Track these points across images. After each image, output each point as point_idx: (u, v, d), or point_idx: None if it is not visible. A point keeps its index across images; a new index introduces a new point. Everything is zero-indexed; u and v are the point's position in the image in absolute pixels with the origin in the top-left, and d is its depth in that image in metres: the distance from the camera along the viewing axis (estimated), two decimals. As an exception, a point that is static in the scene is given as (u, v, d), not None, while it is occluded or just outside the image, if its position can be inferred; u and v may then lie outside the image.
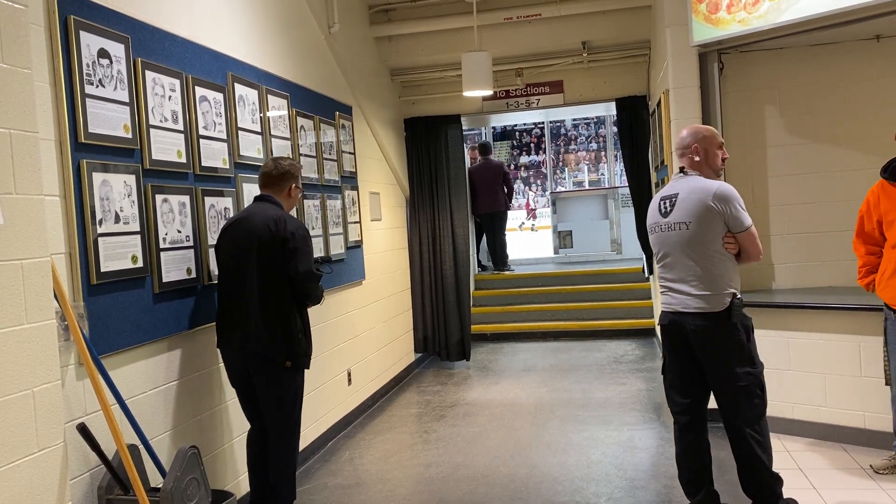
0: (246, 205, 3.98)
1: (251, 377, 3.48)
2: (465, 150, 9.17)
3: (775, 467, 3.21)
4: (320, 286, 3.57)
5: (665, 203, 3.37)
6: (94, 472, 2.81)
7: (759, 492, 3.32)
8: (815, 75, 4.96)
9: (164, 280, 3.29)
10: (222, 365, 3.71)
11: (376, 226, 6.48)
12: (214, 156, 3.78)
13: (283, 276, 3.40)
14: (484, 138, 14.17)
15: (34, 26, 2.62)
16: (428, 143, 7.48)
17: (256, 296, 3.38)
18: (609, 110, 8.21)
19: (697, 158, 3.36)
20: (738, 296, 3.26)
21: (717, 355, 3.28)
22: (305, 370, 3.56)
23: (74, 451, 2.69)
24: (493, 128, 15.74)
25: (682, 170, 3.43)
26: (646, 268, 7.72)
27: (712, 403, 3.40)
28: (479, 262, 10.10)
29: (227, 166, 3.89)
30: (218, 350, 3.59)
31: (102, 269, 2.91)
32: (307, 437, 4.70)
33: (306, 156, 4.94)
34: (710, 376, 3.34)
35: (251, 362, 3.44)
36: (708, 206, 3.22)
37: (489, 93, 6.48)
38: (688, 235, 3.27)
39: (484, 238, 10.15)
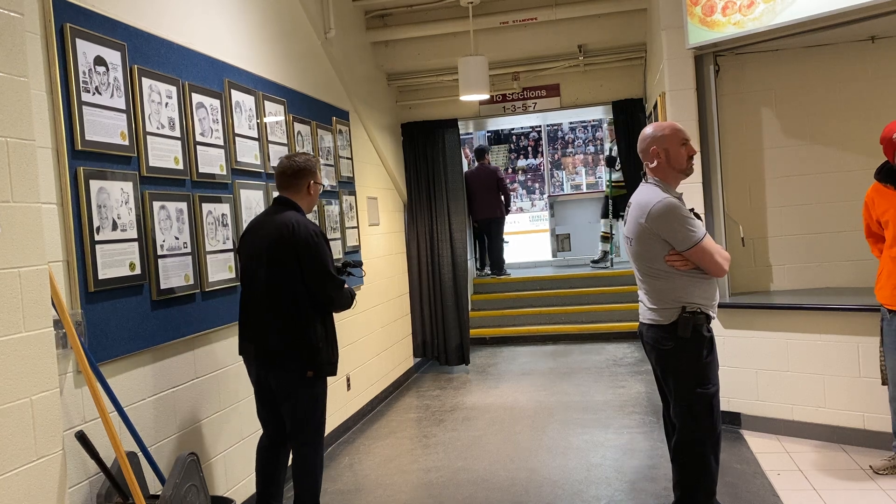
0: (248, 209, 4.00)
1: (269, 384, 3.37)
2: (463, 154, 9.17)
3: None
4: (346, 290, 3.41)
5: (627, 212, 3.24)
6: (92, 480, 2.80)
7: None
8: (811, 77, 4.97)
9: (162, 287, 3.29)
10: (221, 371, 3.71)
11: (374, 230, 6.48)
12: (212, 162, 3.78)
13: (299, 284, 3.26)
14: (479, 143, 14.15)
15: (30, 34, 2.63)
16: (425, 147, 7.49)
17: (271, 304, 3.28)
18: (606, 113, 8.22)
19: (653, 164, 3.10)
20: (690, 309, 3.00)
21: (663, 369, 3.16)
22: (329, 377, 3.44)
23: (73, 459, 2.68)
24: (489, 132, 15.71)
25: (643, 175, 3.22)
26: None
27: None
28: (478, 267, 10.07)
29: (225, 172, 3.89)
30: (220, 356, 3.58)
31: (100, 277, 2.90)
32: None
33: (304, 161, 4.93)
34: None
35: (269, 371, 3.34)
36: (640, 225, 3.03)
37: (486, 97, 6.50)
38: (633, 250, 3.15)
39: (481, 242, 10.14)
